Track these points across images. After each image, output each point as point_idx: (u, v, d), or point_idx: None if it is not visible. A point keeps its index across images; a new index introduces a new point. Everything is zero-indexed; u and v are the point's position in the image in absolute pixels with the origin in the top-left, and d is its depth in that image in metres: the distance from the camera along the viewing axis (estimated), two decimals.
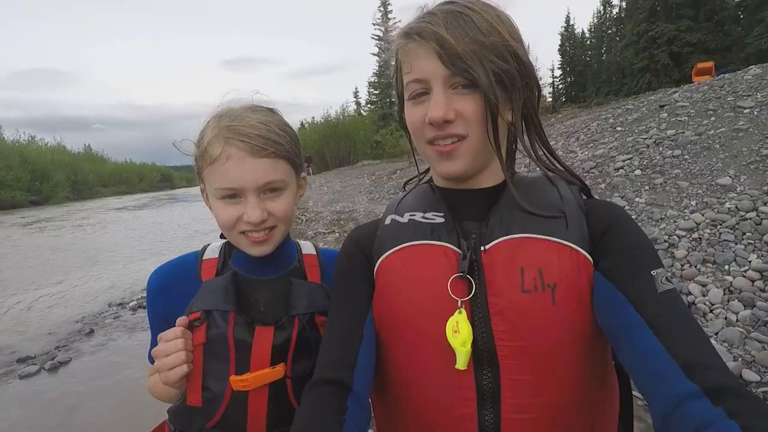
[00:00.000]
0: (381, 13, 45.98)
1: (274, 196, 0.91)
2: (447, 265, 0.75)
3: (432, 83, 0.73)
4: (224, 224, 0.92)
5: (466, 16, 0.71)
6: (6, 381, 4.26)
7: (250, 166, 0.87)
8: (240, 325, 0.91)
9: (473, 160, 0.76)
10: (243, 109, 0.93)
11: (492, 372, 0.70)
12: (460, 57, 0.69)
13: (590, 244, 0.73)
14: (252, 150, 0.87)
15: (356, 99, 52.74)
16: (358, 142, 40.84)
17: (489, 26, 0.71)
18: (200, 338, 0.90)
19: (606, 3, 43.43)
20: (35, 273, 9.12)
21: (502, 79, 0.72)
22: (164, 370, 0.86)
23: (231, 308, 0.91)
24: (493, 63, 0.70)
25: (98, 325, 5.62)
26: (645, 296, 0.64)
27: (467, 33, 0.70)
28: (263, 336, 0.91)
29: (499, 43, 0.71)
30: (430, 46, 0.71)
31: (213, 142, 0.88)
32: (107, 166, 73.26)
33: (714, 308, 3.47)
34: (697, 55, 28.12)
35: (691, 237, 4.30)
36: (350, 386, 0.73)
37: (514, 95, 0.74)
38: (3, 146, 46.05)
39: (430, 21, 0.72)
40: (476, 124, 0.72)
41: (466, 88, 0.72)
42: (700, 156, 5.97)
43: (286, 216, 0.94)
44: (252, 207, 0.88)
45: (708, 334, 3.15)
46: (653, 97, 11.52)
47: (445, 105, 0.71)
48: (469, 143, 0.74)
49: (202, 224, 15.32)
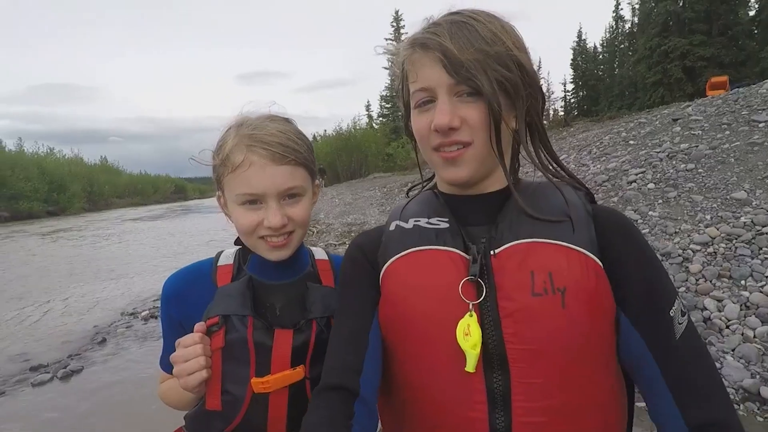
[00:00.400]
0: (393, 28, 46.58)
1: (293, 202, 0.94)
2: (454, 269, 0.76)
3: (437, 91, 0.74)
4: (244, 229, 0.94)
5: (470, 26, 0.73)
6: (19, 389, 4.31)
7: (272, 172, 0.90)
8: (259, 329, 0.92)
9: (478, 166, 0.77)
10: (262, 119, 0.96)
11: (502, 375, 0.70)
12: (464, 66, 0.71)
13: (599, 248, 0.74)
14: (273, 157, 0.90)
15: (368, 112, 53.26)
16: (369, 154, 41.08)
17: (493, 36, 0.73)
18: (219, 342, 0.91)
19: (618, 18, 43.51)
20: (51, 282, 9.26)
21: (505, 87, 0.73)
22: (183, 375, 0.87)
23: (249, 312, 0.92)
24: (497, 71, 0.72)
25: (110, 335, 5.67)
26: (664, 344, 0.70)
27: (471, 42, 0.72)
28: (283, 338, 0.92)
29: (502, 52, 0.72)
30: (435, 55, 0.73)
31: (235, 150, 0.91)
32: (122, 177, 74.57)
33: (730, 324, 3.40)
34: (710, 69, 27.95)
35: (706, 251, 4.24)
36: (357, 391, 0.74)
37: (517, 103, 0.75)
38: (23, 158, 47.16)
39: (435, 31, 0.74)
40: (481, 131, 0.74)
41: (470, 96, 0.73)
42: (714, 170, 5.90)
43: (304, 221, 0.96)
44: (273, 212, 0.90)
45: (725, 350, 3.09)
46: (666, 111, 11.44)
47: (449, 112, 0.73)
48: (474, 150, 0.75)
49: (214, 234, 15.46)
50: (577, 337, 0.70)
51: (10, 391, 4.26)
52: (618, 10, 43.50)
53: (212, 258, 1.04)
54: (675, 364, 0.69)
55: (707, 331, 3.38)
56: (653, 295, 0.72)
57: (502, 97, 0.73)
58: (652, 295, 0.72)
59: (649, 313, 0.72)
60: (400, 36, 46.16)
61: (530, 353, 0.69)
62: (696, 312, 3.58)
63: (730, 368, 2.96)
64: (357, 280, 0.86)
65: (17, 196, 38.80)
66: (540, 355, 0.69)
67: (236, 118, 0.98)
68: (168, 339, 1.01)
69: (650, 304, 0.72)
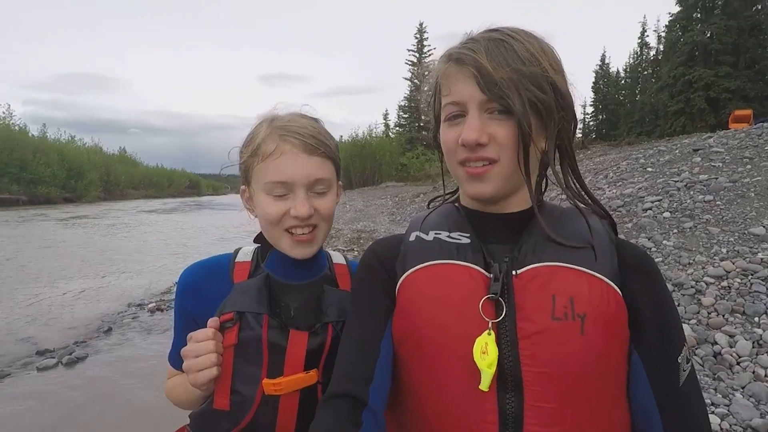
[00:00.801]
0: (417, 39, 46.91)
1: (320, 195, 0.95)
2: (474, 285, 0.75)
3: (468, 106, 0.75)
4: (270, 219, 0.93)
5: (507, 44, 0.73)
6: (24, 372, 4.37)
7: (303, 162, 0.91)
8: (274, 328, 0.91)
9: (503, 183, 0.76)
10: (293, 114, 0.99)
11: (516, 397, 0.70)
12: (497, 84, 0.71)
13: (620, 279, 0.74)
14: (305, 147, 0.91)
15: (386, 121, 53.52)
16: (383, 163, 41.21)
17: (530, 56, 0.73)
18: (231, 339, 0.89)
19: (643, 44, 43.33)
20: (65, 267, 9.41)
21: (538, 108, 0.73)
22: (193, 371, 0.86)
23: (264, 311, 0.91)
24: (531, 92, 0.72)
25: (116, 324, 5.73)
26: (667, 388, 0.73)
27: (507, 61, 0.72)
28: (298, 340, 0.91)
29: (538, 73, 0.72)
30: (469, 71, 0.73)
31: (267, 140, 0.92)
32: (139, 169, 75.67)
33: (741, 361, 3.32)
34: (735, 102, 27.63)
35: (720, 285, 4.16)
36: (366, 400, 0.73)
37: (549, 125, 0.75)
38: (45, 144, 48.07)
39: (471, 47, 0.74)
40: (508, 149, 0.74)
41: (501, 114, 0.73)
42: (733, 203, 5.82)
43: (329, 215, 0.97)
44: (301, 201, 0.91)
45: (734, 387, 3.03)
46: (687, 140, 11.34)
47: (478, 128, 0.73)
48: (500, 167, 0.75)
49: (224, 231, 15.58)
50: (594, 365, 0.69)
51: (15, 373, 4.32)
52: (644, 37, 43.37)
53: (230, 253, 1.04)
54: (674, 408, 0.72)
55: (717, 366, 3.31)
56: (666, 341, 0.74)
57: (533, 117, 0.73)
58: (665, 340, 0.74)
59: (659, 357, 0.73)
60: (423, 48, 46.50)
61: (546, 377, 0.69)
62: (706, 346, 3.51)
63: (739, 406, 2.89)
64: (371, 287, 0.85)
65: (36, 181, 39.60)
66: (555, 379, 0.69)
67: (267, 114, 0.99)
68: (179, 333, 1.00)
69: (662, 348, 0.73)
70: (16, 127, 46.31)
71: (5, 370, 4.34)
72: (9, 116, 46.86)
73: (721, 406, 2.90)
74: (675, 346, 0.74)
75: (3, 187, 35.76)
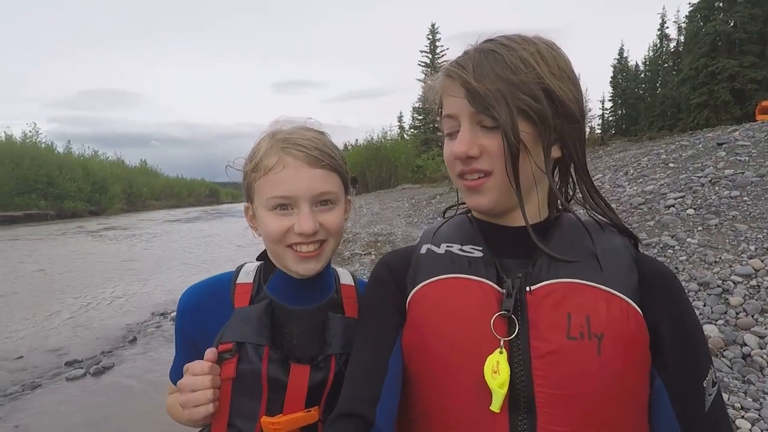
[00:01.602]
0: (429, 40, 46.86)
1: (326, 209, 0.90)
2: (485, 301, 0.73)
3: (460, 119, 0.75)
4: (273, 236, 0.88)
5: (497, 54, 0.72)
6: (54, 382, 4.50)
7: (306, 175, 0.86)
8: (274, 362, 0.86)
9: (500, 196, 0.75)
10: (296, 127, 0.95)
11: (528, 418, 0.67)
12: (483, 97, 0.70)
13: (640, 298, 0.71)
14: (308, 159, 0.87)
15: (400, 123, 53.59)
16: (399, 165, 41.20)
17: (521, 63, 0.71)
18: (230, 372, 0.85)
19: (663, 36, 42.40)
20: (93, 278, 9.67)
21: (531, 117, 0.71)
22: (189, 406, 0.83)
23: (265, 342, 0.87)
24: (521, 100, 0.70)
25: (141, 333, 5.86)
26: (692, 413, 0.70)
27: (495, 71, 0.71)
28: (299, 376, 0.87)
29: (529, 81, 0.70)
30: (458, 85, 0.73)
31: (269, 153, 0.88)
32: (160, 180, 77.30)
33: None
34: (761, 92, 26.77)
35: (749, 284, 4.03)
36: (372, 421, 0.72)
37: (545, 133, 0.73)
38: (70, 159, 49.57)
39: (459, 61, 0.75)
40: (500, 161, 0.73)
41: (493, 126, 0.72)
42: (761, 198, 5.63)
43: (337, 230, 0.91)
44: (305, 217, 0.86)
45: (765, 390, 2.92)
46: (711, 134, 11.02)
47: (468, 141, 0.73)
48: (495, 179, 0.74)
49: (242, 239, 15.78)
50: (611, 387, 0.66)
51: (46, 384, 4.46)
52: (663, 29, 42.43)
53: (232, 272, 0.99)
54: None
55: (746, 368, 3.20)
56: (690, 365, 0.71)
57: (528, 126, 0.71)
58: (689, 364, 0.71)
59: (683, 382, 0.71)
60: (435, 49, 46.41)
61: (559, 399, 0.66)
62: (735, 347, 3.40)
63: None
64: (381, 302, 0.83)
65: (63, 196, 40.85)
66: (569, 401, 0.66)
67: (270, 127, 0.96)
68: (180, 352, 0.99)
69: (686, 373, 0.71)
70: (43, 145, 47.97)
71: (36, 381, 4.48)
72: (36, 134, 48.58)
73: (751, 410, 2.80)
74: (700, 370, 0.71)
75: (32, 203, 37.01)
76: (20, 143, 44.14)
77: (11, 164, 37.47)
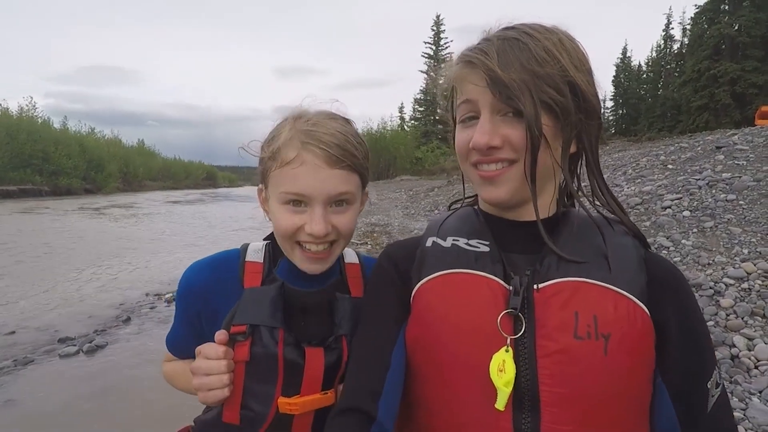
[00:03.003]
0: (434, 32, 46.51)
1: (340, 210, 0.87)
2: (492, 298, 0.72)
3: (480, 108, 0.73)
4: (283, 232, 0.87)
5: (522, 43, 0.70)
6: (47, 359, 4.49)
7: (324, 175, 0.83)
8: (290, 345, 0.85)
9: (518, 187, 0.73)
10: (321, 115, 0.89)
11: (532, 417, 0.66)
12: (507, 87, 0.68)
13: (648, 297, 0.71)
14: (329, 159, 0.83)
15: (401, 114, 53.36)
16: (398, 156, 41.08)
17: (546, 55, 0.69)
18: (243, 355, 0.84)
19: (667, 38, 42.25)
20: (86, 256, 9.61)
21: (554, 111, 0.70)
22: (204, 389, 0.83)
23: (280, 324, 0.86)
24: (546, 93, 0.68)
25: (135, 314, 5.85)
26: (694, 415, 0.70)
27: (520, 61, 0.69)
28: (315, 358, 0.86)
29: (555, 73, 0.69)
30: (480, 73, 0.71)
31: (288, 145, 0.84)
32: (157, 160, 76.57)
33: (760, 364, 3.25)
34: (762, 97, 26.80)
35: (740, 287, 4.07)
36: (374, 415, 0.71)
37: (566, 128, 0.71)
38: (66, 136, 49.04)
39: (483, 48, 0.72)
40: (524, 151, 0.71)
41: (515, 116, 0.70)
42: (756, 203, 5.67)
43: (349, 232, 0.90)
44: (317, 218, 0.84)
45: (751, 391, 2.97)
46: (710, 137, 11.06)
47: (489, 132, 0.71)
48: (519, 169, 0.72)
49: (243, 222, 15.74)
50: (616, 387, 0.66)
51: (39, 360, 4.45)
52: (668, 30, 42.28)
53: (237, 250, 0.96)
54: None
55: (734, 369, 3.25)
56: (695, 365, 0.71)
57: (549, 119, 0.70)
58: (694, 364, 0.71)
59: (687, 383, 0.71)
60: (440, 40, 46.10)
61: (564, 398, 0.66)
62: (723, 348, 3.45)
63: (756, 410, 2.84)
64: (384, 295, 0.82)
65: (58, 172, 40.50)
66: (575, 401, 0.65)
67: (294, 110, 0.91)
68: (180, 322, 0.97)
69: (690, 373, 0.71)
70: (39, 119, 47.40)
71: (29, 357, 4.47)
72: (32, 108, 48.00)
73: (737, 410, 2.85)
74: (705, 370, 0.71)
75: (27, 178, 36.69)
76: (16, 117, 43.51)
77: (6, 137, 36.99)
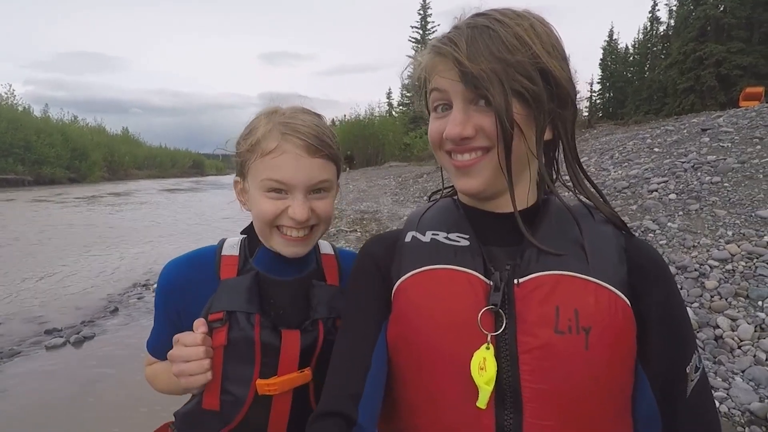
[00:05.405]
0: (420, 16, 46.02)
1: (319, 197, 0.92)
2: (472, 294, 0.71)
3: (452, 98, 0.72)
4: (264, 217, 0.90)
5: (492, 30, 0.68)
6: (34, 351, 4.45)
7: (305, 164, 0.88)
8: (266, 328, 0.89)
9: (493, 177, 0.72)
10: (295, 110, 0.94)
11: (514, 414, 0.66)
12: (477, 78, 0.67)
13: (628, 287, 0.70)
14: (308, 149, 0.88)
15: (389, 100, 52.99)
16: (386, 143, 40.90)
17: (517, 42, 0.68)
18: (221, 340, 0.87)
19: (654, 20, 42.27)
20: (73, 246, 9.50)
21: (526, 99, 0.68)
22: (185, 375, 0.85)
23: (256, 310, 0.89)
24: (517, 81, 0.67)
25: (122, 304, 5.81)
26: (673, 400, 0.71)
27: (490, 50, 0.67)
28: (291, 339, 0.89)
29: (525, 60, 0.67)
30: (450, 63, 0.70)
31: (268, 136, 0.89)
32: (142, 149, 75.62)
33: (743, 344, 3.33)
34: (746, 79, 26.97)
35: (724, 268, 4.14)
36: (355, 419, 0.70)
37: (539, 116, 0.70)
38: (48, 124, 48.05)
39: (452, 37, 0.70)
40: (497, 140, 0.70)
41: (487, 104, 0.69)
42: (741, 185, 5.75)
43: (328, 217, 0.95)
44: (299, 204, 0.88)
45: (734, 371, 3.04)
46: (696, 119, 11.16)
47: (461, 122, 0.70)
48: (493, 156, 0.71)
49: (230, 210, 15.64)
50: (596, 381, 0.66)
51: (25, 352, 4.41)
52: (654, 11, 42.27)
53: (215, 246, 1.00)
54: (680, 421, 0.71)
55: (718, 350, 3.32)
56: (675, 352, 0.71)
57: (523, 108, 0.68)
58: (674, 351, 0.71)
59: (667, 370, 0.71)
60: (426, 25, 45.65)
61: (546, 393, 0.65)
62: (708, 329, 3.52)
63: (739, 390, 2.91)
64: (364, 294, 0.81)
65: (41, 161, 39.72)
66: (556, 396, 0.65)
67: (267, 106, 0.96)
68: (160, 323, 0.99)
69: (669, 359, 0.71)
70: (20, 107, 46.28)
71: (15, 349, 4.43)
72: (12, 96, 46.80)
73: (720, 389, 2.92)
74: (684, 355, 0.72)
75: (8, 168, 35.94)
76: None
77: None
